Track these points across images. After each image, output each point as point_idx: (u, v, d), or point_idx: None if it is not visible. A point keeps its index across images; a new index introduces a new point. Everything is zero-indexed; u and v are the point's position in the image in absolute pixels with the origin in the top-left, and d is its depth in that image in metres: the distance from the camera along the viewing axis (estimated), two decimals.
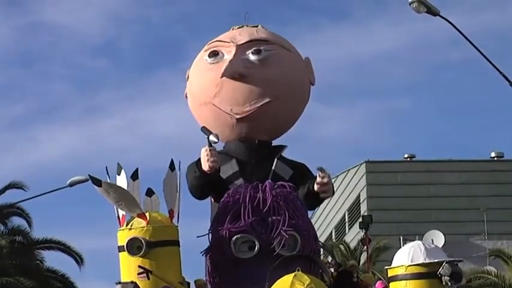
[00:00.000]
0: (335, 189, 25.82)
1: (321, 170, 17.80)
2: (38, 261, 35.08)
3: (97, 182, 16.15)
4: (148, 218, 16.03)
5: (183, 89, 19.45)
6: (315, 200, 17.77)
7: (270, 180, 17.78)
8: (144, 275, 15.76)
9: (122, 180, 17.20)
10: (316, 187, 17.59)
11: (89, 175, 15.97)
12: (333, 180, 18.23)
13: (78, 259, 35.51)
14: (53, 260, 36.66)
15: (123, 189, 16.45)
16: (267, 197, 17.50)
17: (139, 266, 15.69)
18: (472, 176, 50.04)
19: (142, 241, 15.86)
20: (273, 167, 18.09)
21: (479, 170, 50.79)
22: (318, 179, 17.53)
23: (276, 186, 18.03)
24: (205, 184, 17.96)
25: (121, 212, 16.74)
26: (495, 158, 51.97)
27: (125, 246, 15.78)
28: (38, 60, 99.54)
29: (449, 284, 16.17)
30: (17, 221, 35.01)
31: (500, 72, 17.86)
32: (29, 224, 34.98)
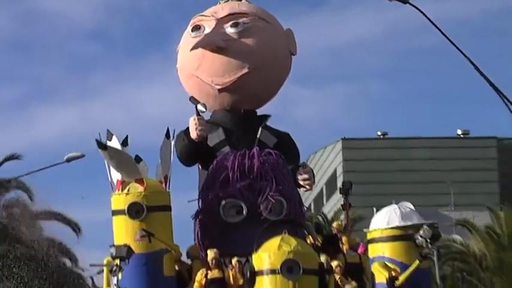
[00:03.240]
0: (314, 164, 25.44)
1: (304, 166, 17.84)
2: (37, 231, 34.29)
3: (102, 146, 15.90)
4: (145, 184, 15.76)
5: (172, 72, 19.21)
6: (297, 187, 17.36)
7: (257, 148, 17.91)
8: (146, 237, 15.48)
9: (113, 146, 16.64)
10: (299, 181, 17.32)
11: (96, 139, 15.73)
12: (311, 157, 18.35)
13: (76, 229, 34.81)
14: (51, 230, 35.91)
15: (126, 154, 16.13)
16: (255, 164, 17.61)
17: (143, 230, 15.43)
18: (440, 151, 49.99)
19: (143, 206, 15.64)
20: (258, 135, 17.80)
21: (446, 146, 50.76)
22: (300, 176, 17.32)
23: (263, 154, 17.86)
24: (193, 151, 17.57)
25: (115, 178, 16.15)
26: (461, 135, 51.95)
27: (126, 210, 15.51)
28: (35, 45, 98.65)
29: (429, 245, 15.64)
30: (17, 194, 34.20)
31: (466, 56, 17.18)
32: (30, 197, 34.16)
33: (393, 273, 15.88)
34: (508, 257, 30.15)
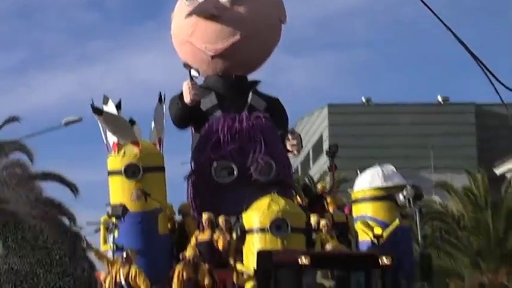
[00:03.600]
0: (301, 129, 25.36)
1: (292, 132, 18.06)
2: (37, 192, 34.21)
3: (98, 112, 15.92)
4: (140, 146, 15.74)
5: (167, 40, 19.17)
6: (285, 151, 17.40)
7: (246, 112, 17.85)
8: (142, 197, 15.43)
9: (108, 110, 16.55)
10: (287, 146, 17.48)
11: (91, 105, 15.72)
12: (298, 122, 18.42)
13: (74, 189, 34.75)
14: (50, 190, 35.86)
15: (121, 117, 16.13)
16: (245, 127, 17.69)
17: (140, 190, 15.45)
18: (421, 117, 49.88)
19: (139, 167, 15.67)
20: (248, 100, 17.90)
21: (427, 112, 50.67)
22: (289, 142, 17.48)
23: (252, 117, 17.80)
24: (187, 115, 17.69)
25: (111, 140, 16.08)
26: (441, 102, 51.84)
27: (123, 171, 15.50)
28: (36, 12, 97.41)
29: (411, 204, 15.66)
30: (17, 156, 34.08)
31: (445, 25, 17.08)
32: (30, 158, 34.04)
33: (376, 232, 15.89)
34: (484, 216, 30.16)
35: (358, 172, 18.03)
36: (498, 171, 37.62)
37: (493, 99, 30.25)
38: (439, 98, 51.30)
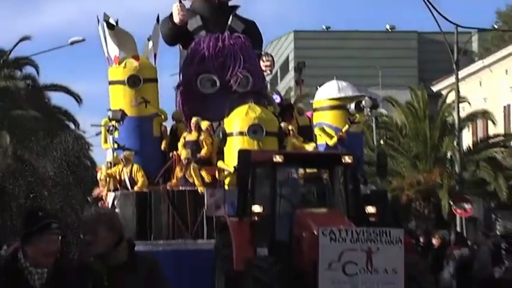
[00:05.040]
0: (271, 51, 24.96)
1: (266, 54, 17.90)
2: (46, 100, 33.62)
3: (111, 26, 15.45)
4: (140, 60, 15.40)
5: None
6: None
7: (228, 32, 17.41)
8: (143, 103, 15.27)
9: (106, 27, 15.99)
10: (262, 67, 17.12)
11: (105, 20, 15.25)
12: (268, 46, 18.06)
13: (78, 99, 34.20)
14: (57, 100, 35.31)
15: (127, 33, 15.70)
16: (226, 46, 17.22)
17: (142, 97, 15.22)
18: (371, 43, 49.70)
19: (140, 77, 15.37)
20: (229, 22, 17.62)
21: (376, 39, 50.52)
22: (263, 63, 17.18)
23: (233, 37, 17.34)
24: (176, 34, 17.33)
25: (113, 54, 15.61)
26: (389, 30, 51.65)
27: (126, 81, 15.15)
28: None
29: (369, 113, 15.39)
30: (29, 70, 33.34)
31: None
32: (37, 72, 33.30)
33: (340, 134, 15.60)
34: (423, 126, 30.03)
35: (318, 88, 17.69)
36: (435, 88, 37.41)
37: (433, 28, 29.68)
38: (387, 26, 51.02)
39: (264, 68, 16.99)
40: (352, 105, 15.75)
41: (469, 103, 30.46)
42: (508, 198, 28.31)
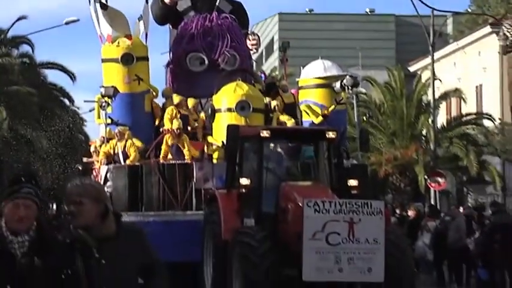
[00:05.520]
0: (257, 32, 24.71)
1: (252, 33, 17.51)
2: (42, 77, 33.21)
3: (104, 6, 15.09)
4: (133, 39, 15.10)
5: None
6: None
7: (216, 13, 17.13)
8: (136, 81, 14.99)
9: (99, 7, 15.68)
10: (248, 45, 16.77)
11: (100, 1, 14.98)
12: (254, 27, 17.82)
13: (72, 76, 33.83)
14: (53, 77, 34.94)
15: (120, 13, 15.32)
16: (214, 25, 16.95)
17: (136, 75, 14.90)
18: (352, 25, 49.53)
19: (133, 56, 14.98)
20: (217, 3, 17.15)
21: (357, 21, 50.42)
22: (249, 42, 16.82)
23: (221, 17, 17.07)
24: (166, 14, 16.95)
25: (105, 32, 15.34)
26: (368, 13, 51.57)
27: (120, 59, 14.80)
28: None
29: (350, 91, 15.23)
30: (25, 48, 32.90)
31: None
32: (33, 50, 32.86)
33: (324, 112, 15.46)
34: (400, 105, 30.03)
35: (301, 68, 17.52)
36: (412, 69, 37.34)
37: (410, 12, 29.44)
38: (367, 10, 50.88)
39: (250, 47, 16.75)
40: (338, 84, 15.62)
41: (440, 80, 30.38)
42: (477, 173, 28.43)
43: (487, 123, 29.72)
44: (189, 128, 14.73)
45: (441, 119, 31.09)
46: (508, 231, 13.52)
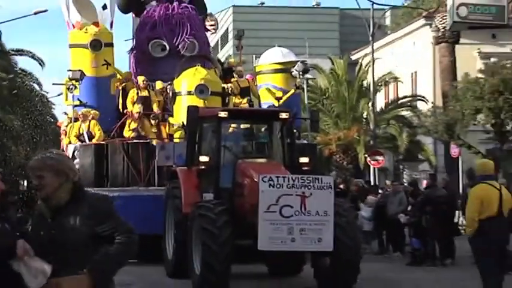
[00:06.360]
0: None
1: (210, 15, 17.28)
2: (12, 63, 32.22)
3: None
4: (100, 27, 14.87)
5: None
6: (205, 31, 16.45)
7: (177, 2, 16.71)
8: (105, 65, 14.65)
9: None
10: (207, 26, 16.66)
11: None
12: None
13: (41, 62, 32.95)
14: (23, 63, 33.97)
15: (88, 1, 15.00)
16: (175, 14, 16.55)
17: (104, 60, 14.59)
18: (300, 17, 49.47)
19: (101, 42, 14.74)
20: None
21: (305, 13, 50.38)
22: (208, 23, 16.67)
23: (181, 7, 16.70)
24: (129, 3, 16.67)
25: (74, 19, 14.88)
26: (315, 6, 51.61)
27: (88, 45, 14.45)
28: None
29: (301, 76, 15.08)
30: None
31: None
32: (0, 38, 31.79)
33: (277, 95, 15.29)
34: (342, 90, 30.01)
35: (254, 57, 17.30)
36: (354, 57, 37.35)
37: (352, 5, 29.34)
38: (313, 3, 50.87)
39: (208, 28, 16.44)
40: (297, 69, 15.55)
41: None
42: (407, 150, 28.77)
43: (420, 106, 29.94)
44: (155, 108, 14.42)
45: (380, 103, 31.21)
46: (439, 204, 13.56)
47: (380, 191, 19.21)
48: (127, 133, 14.09)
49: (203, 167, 10.93)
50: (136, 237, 3.89)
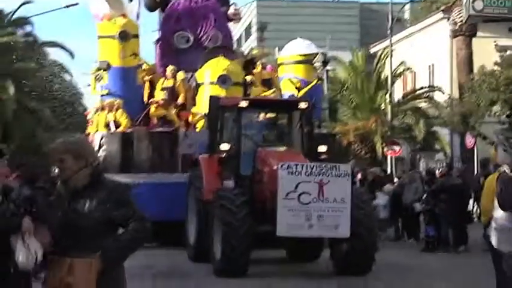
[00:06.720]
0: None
1: (235, 4, 17.13)
2: (44, 55, 32.41)
3: None
4: (127, 18, 14.76)
5: None
6: (229, 20, 16.26)
7: None
8: (132, 56, 14.54)
9: None
10: (231, 15, 16.42)
11: None
12: None
13: (71, 54, 33.07)
14: (54, 55, 34.23)
15: None
16: (199, 7, 16.45)
17: (132, 51, 14.47)
18: (322, 11, 49.22)
19: (129, 33, 14.54)
20: None
21: (326, 7, 50.28)
22: (231, 12, 16.37)
23: (205, 0, 16.64)
24: (156, 4, 16.41)
25: (102, 12, 14.87)
26: (336, 0, 51.41)
27: (117, 35, 14.33)
28: None
29: (322, 67, 14.96)
30: (30, 29, 32.02)
31: None
32: (33, 30, 31.98)
33: (297, 85, 15.15)
34: (362, 81, 29.75)
35: (277, 49, 17.18)
36: (373, 50, 37.00)
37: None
38: None
39: (232, 17, 16.29)
40: (319, 60, 15.41)
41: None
42: (423, 140, 28.49)
43: (437, 97, 29.61)
44: (180, 98, 14.39)
45: (398, 94, 30.91)
46: (453, 193, 13.37)
47: (395, 180, 19.01)
48: (153, 117, 14.08)
49: (224, 155, 10.86)
50: (148, 225, 3.83)
